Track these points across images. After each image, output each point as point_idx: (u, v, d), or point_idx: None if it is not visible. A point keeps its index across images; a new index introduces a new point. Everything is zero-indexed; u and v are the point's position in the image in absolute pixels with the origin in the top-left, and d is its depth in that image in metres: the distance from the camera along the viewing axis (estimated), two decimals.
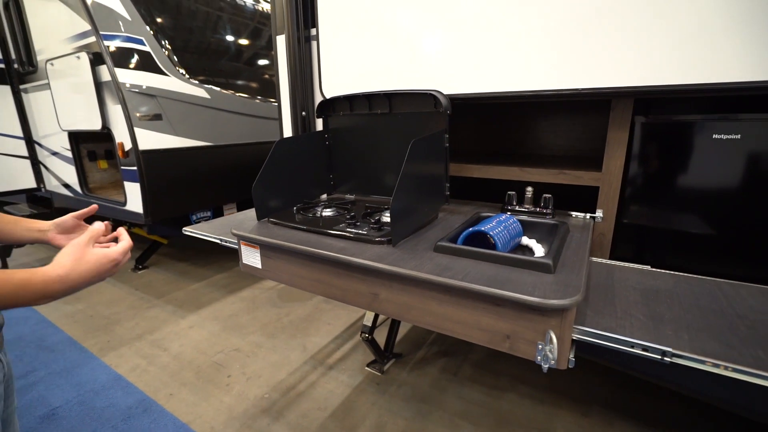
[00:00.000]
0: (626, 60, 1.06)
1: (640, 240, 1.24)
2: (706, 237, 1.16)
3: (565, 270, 0.85)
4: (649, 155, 1.20)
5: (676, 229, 1.20)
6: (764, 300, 0.89)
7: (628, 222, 1.24)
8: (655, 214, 1.22)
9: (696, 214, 1.17)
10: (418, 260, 0.92)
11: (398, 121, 1.36)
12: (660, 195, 1.20)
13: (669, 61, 1.01)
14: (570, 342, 0.77)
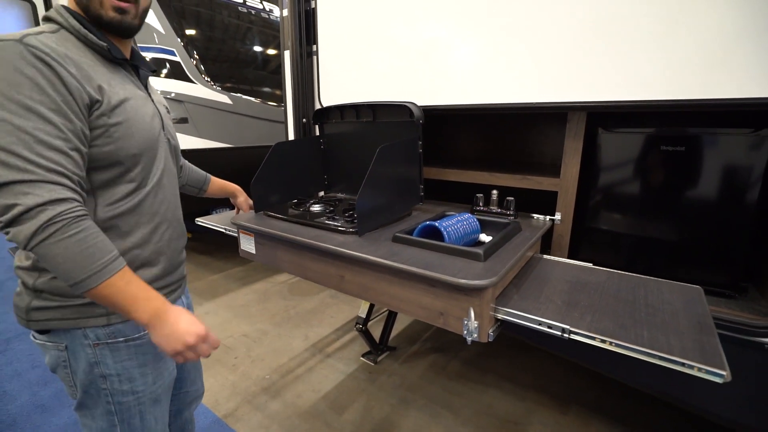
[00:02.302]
0: (579, 78, 1.19)
1: (592, 241, 1.36)
2: (650, 240, 1.27)
3: (496, 260, 0.99)
4: (604, 164, 1.32)
5: (624, 232, 1.31)
6: (679, 295, 1.00)
7: (582, 224, 1.36)
8: (605, 217, 1.33)
9: (643, 218, 1.27)
10: (375, 247, 1.08)
11: (381, 129, 1.53)
12: (611, 200, 1.32)
13: (614, 79, 1.13)
14: (489, 319, 0.91)
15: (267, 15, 3.71)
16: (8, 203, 0.62)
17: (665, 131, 1.21)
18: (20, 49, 0.65)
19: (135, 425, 0.88)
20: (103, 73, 0.77)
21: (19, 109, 0.63)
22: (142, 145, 0.81)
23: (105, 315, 0.81)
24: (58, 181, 0.66)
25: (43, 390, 2.11)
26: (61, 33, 0.74)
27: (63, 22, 0.75)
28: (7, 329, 2.72)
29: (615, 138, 1.30)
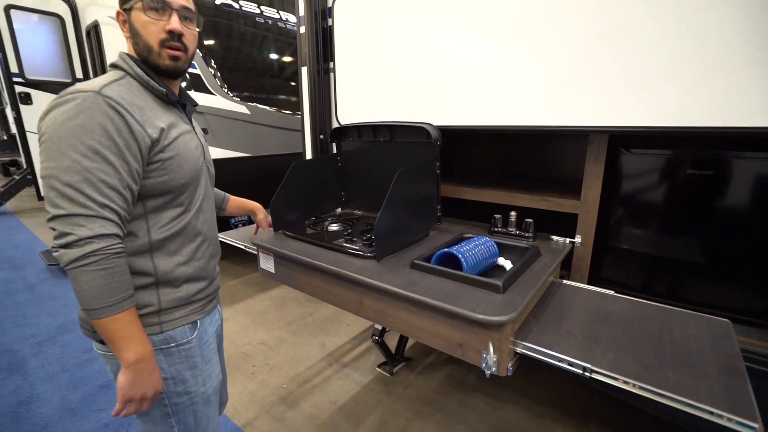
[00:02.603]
0: (601, 102, 1.16)
1: (614, 264, 1.33)
2: (676, 265, 1.23)
3: (515, 291, 0.98)
4: (626, 185, 1.29)
5: (647, 256, 1.28)
6: (706, 329, 0.97)
7: (603, 246, 1.34)
8: (628, 240, 1.30)
9: (668, 242, 1.24)
10: (393, 275, 1.09)
11: (398, 148, 1.53)
12: (633, 222, 1.29)
13: (638, 104, 1.10)
14: (509, 353, 0.90)
15: (283, 24, 3.75)
16: (66, 231, 0.74)
17: (692, 154, 1.18)
18: (99, 100, 0.76)
19: (189, 424, 0.98)
20: (162, 114, 0.89)
21: (88, 152, 0.74)
22: (189, 174, 0.92)
23: (158, 324, 0.91)
24: (108, 217, 0.77)
25: (72, 394, 2.20)
26: (126, 79, 0.86)
27: (128, 70, 0.87)
28: (39, 332, 2.84)
29: (638, 159, 1.28)
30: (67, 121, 0.74)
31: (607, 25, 1.11)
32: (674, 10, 1.01)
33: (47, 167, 0.74)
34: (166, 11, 0.88)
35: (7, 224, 6.05)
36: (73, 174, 0.73)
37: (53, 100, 0.77)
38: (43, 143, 0.75)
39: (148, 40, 0.88)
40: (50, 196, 0.74)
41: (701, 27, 0.98)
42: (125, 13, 0.89)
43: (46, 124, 0.76)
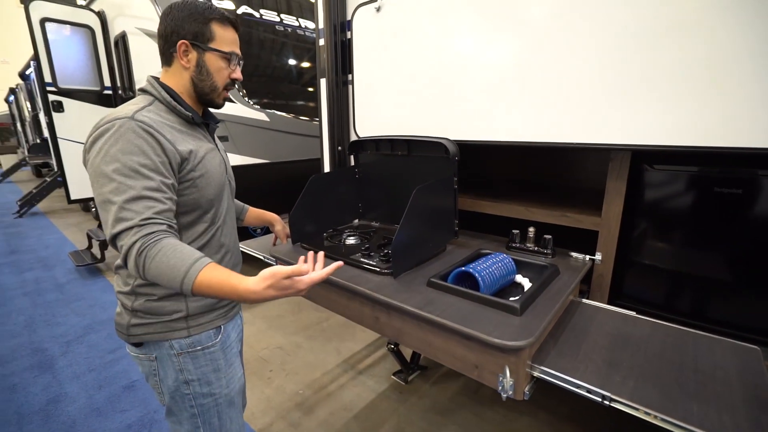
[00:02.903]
0: (624, 121, 1.14)
1: (636, 282, 1.30)
2: (702, 284, 1.20)
3: (533, 313, 0.98)
4: (649, 202, 1.26)
5: (671, 275, 1.24)
6: (733, 357, 0.94)
7: (624, 264, 1.31)
8: (650, 258, 1.27)
9: (693, 261, 1.21)
10: (410, 294, 1.09)
11: (416, 162, 1.54)
12: (656, 240, 1.26)
13: (662, 123, 1.08)
14: (525, 376, 0.90)
15: (302, 32, 3.81)
16: (121, 244, 0.81)
17: (719, 172, 1.15)
18: (133, 125, 0.84)
19: (214, 425, 1.05)
20: (188, 134, 0.96)
21: (131, 173, 0.82)
22: (216, 190, 1.00)
23: (186, 328, 0.98)
24: (154, 222, 0.82)
25: (98, 393, 2.28)
26: (155, 104, 0.94)
27: (157, 95, 0.95)
28: (67, 332, 2.96)
29: (662, 176, 1.25)
30: (109, 149, 0.82)
31: (630, 42, 1.09)
32: (698, 28, 0.99)
33: (99, 194, 0.82)
34: (233, 61, 1.01)
35: (39, 224, 6.32)
36: (119, 194, 0.81)
37: (94, 132, 0.85)
38: (92, 175, 0.83)
39: (216, 83, 0.99)
40: (104, 217, 0.82)
41: (726, 46, 0.95)
42: (194, 49, 0.96)
43: (92, 155, 0.84)
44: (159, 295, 0.95)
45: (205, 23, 0.95)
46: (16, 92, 11.02)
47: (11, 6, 14.76)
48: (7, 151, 13.66)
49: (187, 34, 0.94)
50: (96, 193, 0.83)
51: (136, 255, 0.79)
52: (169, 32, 0.95)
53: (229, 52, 0.98)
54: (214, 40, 0.96)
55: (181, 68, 0.97)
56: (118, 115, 0.86)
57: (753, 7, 0.91)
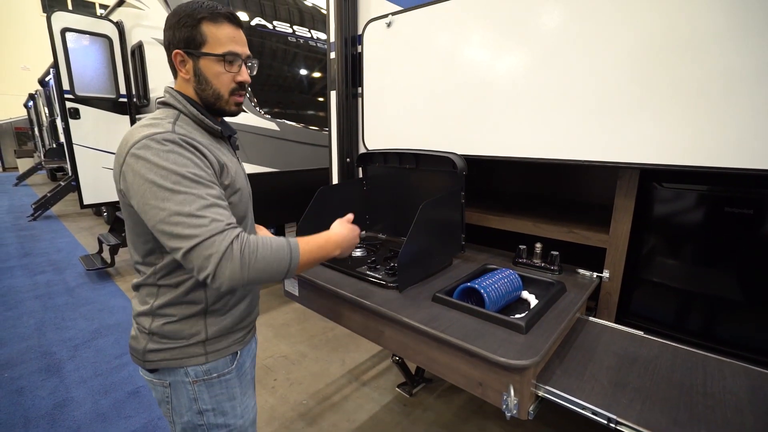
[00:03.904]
0: (633, 139, 1.13)
1: (644, 301, 1.29)
2: (712, 304, 1.18)
3: (538, 331, 0.97)
4: (658, 220, 1.25)
5: (679, 294, 1.23)
6: (744, 381, 0.92)
7: (632, 282, 1.29)
8: (658, 277, 1.26)
9: (703, 281, 1.19)
10: (415, 309, 1.09)
11: (424, 176, 1.55)
12: (664, 259, 1.24)
13: (673, 143, 1.08)
14: (530, 396, 0.89)
15: (314, 43, 3.87)
16: (208, 253, 0.75)
17: (730, 191, 1.14)
18: (176, 137, 0.80)
19: None
20: (217, 149, 0.91)
21: (192, 183, 0.78)
22: (244, 199, 0.98)
23: (203, 354, 0.93)
24: (230, 225, 0.79)
25: (103, 399, 2.30)
26: (181, 118, 0.89)
27: (182, 109, 0.90)
28: (75, 336, 2.99)
29: (671, 194, 1.24)
30: (161, 162, 0.76)
31: (639, 61, 1.09)
32: (709, 47, 0.99)
33: (162, 209, 0.75)
34: (236, 62, 0.90)
35: (52, 227, 6.44)
36: (189, 204, 0.75)
37: (133, 147, 0.78)
38: (144, 191, 0.76)
39: (218, 89, 0.91)
40: (177, 231, 0.75)
41: (738, 65, 0.95)
42: (189, 58, 0.88)
43: (138, 170, 0.77)
44: (178, 317, 0.90)
45: (195, 26, 0.86)
46: (35, 98, 11.32)
47: (33, 15, 15.27)
48: (24, 155, 14.00)
49: (179, 43, 0.87)
50: (154, 209, 0.76)
51: (240, 255, 0.75)
52: (167, 44, 0.90)
53: (223, 53, 0.88)
54: (206, 42, 0.87)
55: (183, 80, 0.92)
56: (157, 129, 0.80)
57: (766, 25, 0.91)
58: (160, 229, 0.76)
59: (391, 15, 1.64)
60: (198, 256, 0.74)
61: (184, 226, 0.74)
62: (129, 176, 0.78)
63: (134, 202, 0.79)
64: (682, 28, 1.02)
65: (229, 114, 0.96)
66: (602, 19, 1.14)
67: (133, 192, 0.78)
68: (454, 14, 1.45)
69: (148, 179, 0.76)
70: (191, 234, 0.74)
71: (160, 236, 0.77)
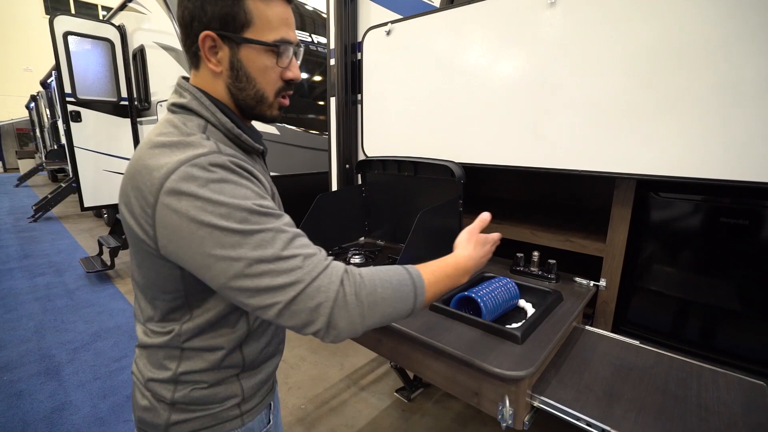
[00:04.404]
0: (630, 150, 1.14)
1: (640, 310, 1.29)
2: (706, 313, 1.19)
3: (534, 341, 0.98)
4: (654, 230, 1.26)
5: (675, 303, 1.24)
6: (736, 393, 0.93)
7: (629, 291, 1.30)
8: (654, 286, 1.26)
9: (699, 290, 1.20)
10: (412, 317, 1.09)
11: (422, 183, 1.56)
12: (661, 269, 1.25)
13: (670, 154, 1.08)
14: (525, 406, 0.90)
15: (315, 47, 3.89)
16: (315, 304, 0.58)
17: (725, 202, 1.14)
18: (225, 160, 0.60)
19: None
20: (253, 167, 0.70)
21: (264, 217, 0.59)
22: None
23: (239, 416, 0.76)
24: (325, 260, 0.63)
25: (102, 403, 2.30)
26: (210, 129, 0.67)
27: (211, 118, 0.67)
28: (74, 339, 3.00)
29: (667, 203, 1.24)
30: (213, 197, 0.57)
31: (635, 72, 1.10)
32: (706, 60, 1.00)
33: (236, 259, 0.56)
34: (287, 54, 0.69)
35: (53, 229, 6.46)
36: (271, 245, 0.58)
37: (166, 185, 0.57)
38: (199, 244, 0.57)
39: (263, 90, 0.70)
40: (264, 284, 0.57)
41: (734, 78, 0.96)
42: (224, 43, 0.65)
43: (185, 217, 0.56)
44: (210, 382, 0.72)
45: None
46: (36, 99, 11.37)
47: (36, 17, 15.35)
48: (26, 156, 14.04)
49: (211, 21, 0.63)
50: (223, 261, 0.56)
51: (355, 299, 0.60)
52: (188, 19, 0.64)
53: (277, 40, 0.66)
54: (251, 24, 0.64)
55: (210, 73, 0.68)
56: (196, 150, 0.59)
57: (763, 39, 0.92)
58: (239, 286, 0.57)
59: (391, 23, 1.65)
60: (302, 309, 0.58)
61: (273, 274, 0.57)
62: (171, 221, 0.57)
63: (183, 256, 0.59)
64: (677, 41, 1.03)
65: (269, 120, 0.75)
66: (599, 31, 1.15)
67: (181, 243, 0.58)
68: (453, 24, 1.47)
69: (204, 223, 0.56)
70: (287, 282, 0.57)
71: (237, 295, 0.58)
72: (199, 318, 0.69)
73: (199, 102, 0.67)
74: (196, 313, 0.69)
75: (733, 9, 0.94)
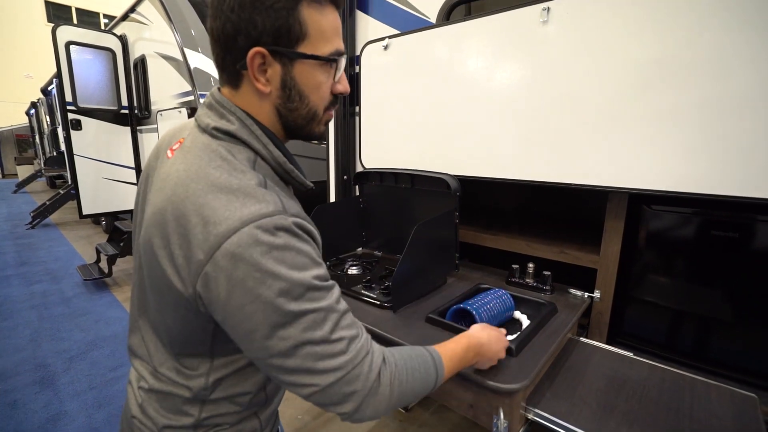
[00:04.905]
0: (623, 164, 1.17)
1: (634, 321, 1.31)
2: (698, 325, 1.20)
3: (529, 353, 0.99)
4: (647, 242, 1.28)
5: (668, 315, 1.25)
6: (728, 405, 0.94)
7: (623, 302, 1.32)
8: (648, 297, 1.28)
9: (690, 302, 1.22)
10: (409, 329, 1.11)
11: (419, 195, 1.58)
12: (654, 281, 1.27)
13: (662, 169, 1.11)
14: (520, 419, 0.91)
15: None
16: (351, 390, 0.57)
17: (716, 216, 1.17)
18: (291, 224, 0.55)
19: None
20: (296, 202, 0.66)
21: (317, 292, 0.55)
22: None
23: None
24: (368, 346, 0.61)
25: (97, 413, 2.29)
26: (258, 163, 0.61)
27: (261, 150, 0.61)
28: (71, 347, 2.98)
29: (659, 216, 1.27)
30: (275, 271, 0.52)
31: (628, 87, 1.13)
32: (696, 79, 1.02)
33: (283, 339, 0.53)
34: (339, 66, 0.64)
35: (50, 236, 6.44)
36: (320, 327, 0.55)
37: (226, 247, 0.51)
38: (248, 316, 0.53)
39: (317, 107, 0.64)
40: (307, 366, 0.54)
41: (725, 94, 0.99)
42: (276, 59, 0.58)
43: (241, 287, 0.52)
44: (232, 423, 0.70)
45: (292, 9, 0.55)
46: (37, 106, 11.41)
47: (38, 24, 15.47)
48: (25, 162, 14.05)
49: (262, 35, 0.55)
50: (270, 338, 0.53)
51: (389, 389, 0.60)
52: (231, 32, 0.56)
53: (333, 53, 0.61)
54: (306, 36, 0.58)
55: (255, 93, 0.61)
56: (261, 206, 0.53)
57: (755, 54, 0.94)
58: (279, 365, 0.55)
59: (388, 38, 1.69)
60: (337, 393, 0.56)
61: (316, 358, 0.54)
62: (222, 285, 0.52)
63: (226, 321, 0.55)
64: (668, 57, 1.05)
65: (317, 137, 0.69)
66: (592, 47, 1.18)
67: (228, 309, 0.53)
68: (449, 39, 1.50)
69: (260, 297, 0.51)
70: (330, 368, 0.55)
71: (273, 371, 0.56)
72: (225, 369, 0.66)
73: (249, 131, 0.60)
74: (218, 362, 0.65)
75: (724, 26, 0.97)
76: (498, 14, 1.36)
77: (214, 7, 0.57)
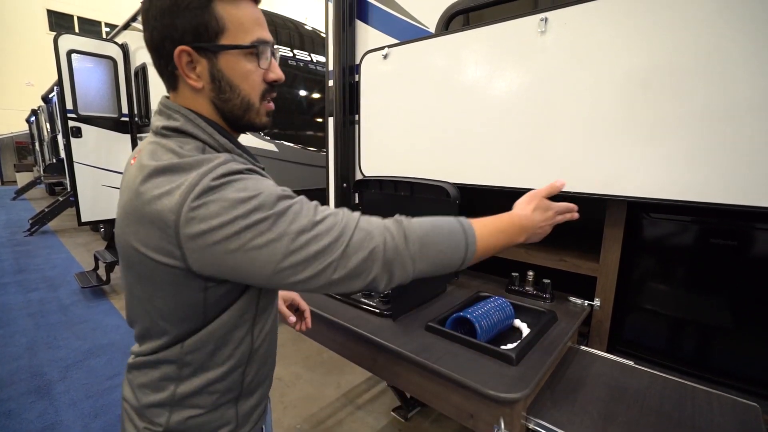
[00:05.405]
0: (620, 171, 1.17)
1: (634, 329, 1.31)
2: (698, 333, 1.20)
3: (529, 362, 0.98)
4: (647, 249, 1.28)
5: (668, 323, 1.25)
6: (732, 415, 0.93)
7: (625, 310, 1.32)
8: (647, 305, 1.28)
9: (691, 309, 1.22)
10: (408, 338, 1.11)
11: (418, 203, 1.58)
12: (653, 288, 1.27)
13: (653, 177, 1.12)
14: (520, 428, 0.90)
15: (314, 66, 3.97)
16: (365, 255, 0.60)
17: (715, 223, 1.17)
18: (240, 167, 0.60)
19: None
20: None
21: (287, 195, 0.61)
22: None
23: None
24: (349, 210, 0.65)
25: (93, 422, 2.26)
26: (207, 151, 0.64)
27: (208, 140, 0.65)
28: (67, 356, 2.96)
29: (658, 224, 1.27)
30: (241, 196, 0.56)
31: (626, 96, 1.14)
32: (691, 87, 1.03)
33: (279, 237, 0.56)
34: (265, 54, 0.67)
35: (48, 243, 6.42)
36: (305, 214, 0.59)
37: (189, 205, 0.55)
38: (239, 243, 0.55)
39: (249, 96, 0.67)
40: (314, 249, 0.58)
41: (720, 105, 1.00)
42: (201, 56, 0.62)
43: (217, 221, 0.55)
44: (209, 407, 0.70)
45: (205, 7, 0.60)
46: (37, 113, 11.45)
47: (40, 33, 15.58)
48: (24, 169, 14.06)
49: (183, 35, 0.60)
50: (269, 245, 0.56)
51: (404, 241, 0.62)
52: (158, 40, 0.62)
53: (254, 41, 0.65)
54: (225, 30, 0.62)
55: (191, 90, 0.65)
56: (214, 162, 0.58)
57: (753, 64, 0.95)
58: (290, 263, 0.57)
59: (388, 47, 1.70)
60: (356, 258, 0.59)
61: (317, 239, 0.57)
62: (204, 236, 0.55)
63: (222, 262, 0.57)
64: (667, 67, 1.06)
65: (259, 128, 0.73)
66: (591, 56, 1.19)
67: (218, 249, 0.56)
68: (447, 49, 1.51)
69: (236, 219, 0.55)
70: (332, 240, 0.58)
71: (289, 275, 0.58)
72: (204, 331, 0.66)
73: (193, 124, 0.64)
74: (211, 316, 0.66)
75: (722, 34, 0.98)
76: (496, 24, 1.37)
77: (144, 20, 0.63)
